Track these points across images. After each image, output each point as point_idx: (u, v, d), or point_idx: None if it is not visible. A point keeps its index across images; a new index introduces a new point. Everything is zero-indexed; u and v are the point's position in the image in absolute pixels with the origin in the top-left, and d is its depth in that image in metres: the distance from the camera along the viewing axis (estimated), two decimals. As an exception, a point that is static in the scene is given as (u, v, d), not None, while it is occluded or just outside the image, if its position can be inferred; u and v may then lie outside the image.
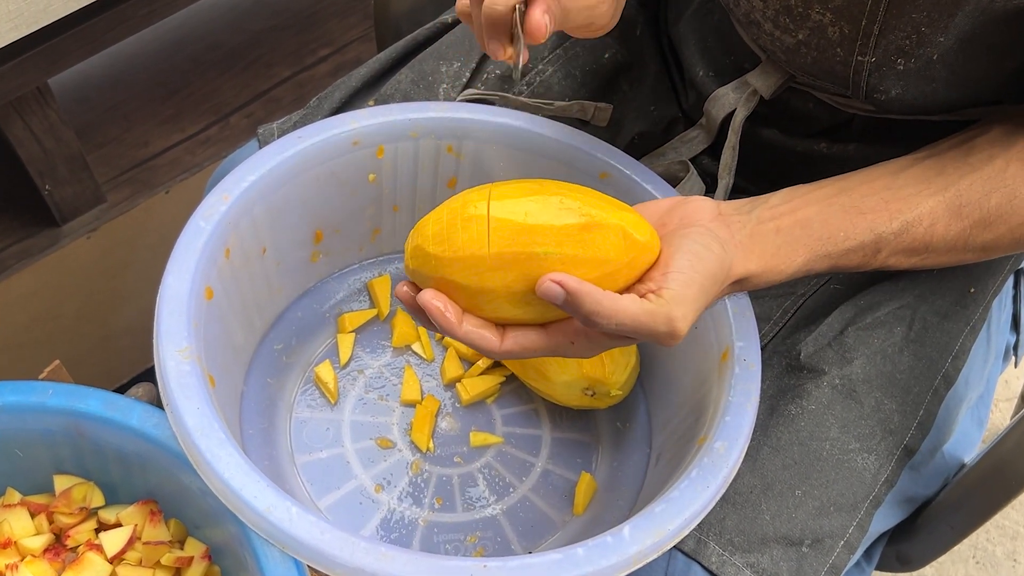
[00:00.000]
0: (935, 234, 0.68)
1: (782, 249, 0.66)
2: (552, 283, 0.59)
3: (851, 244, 0.67)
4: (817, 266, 0.67)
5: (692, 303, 0.60)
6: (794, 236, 0.66)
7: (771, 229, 0.66)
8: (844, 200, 0.68)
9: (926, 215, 0.67)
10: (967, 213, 0.68)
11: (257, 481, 0.64)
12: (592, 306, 0.58)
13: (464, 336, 0.63)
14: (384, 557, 0.62)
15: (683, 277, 0.61)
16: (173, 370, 0.68)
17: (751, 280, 0.66)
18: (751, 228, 0.66)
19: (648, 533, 0.65)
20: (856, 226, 0.67)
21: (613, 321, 0.58)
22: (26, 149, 1.15)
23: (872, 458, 0.75)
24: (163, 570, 0.72)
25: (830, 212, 0.67)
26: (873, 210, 0.67)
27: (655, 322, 0.59)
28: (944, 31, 0.68)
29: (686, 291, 0.60)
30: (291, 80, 1.40)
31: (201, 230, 0.76)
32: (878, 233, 0.67)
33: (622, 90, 0.94)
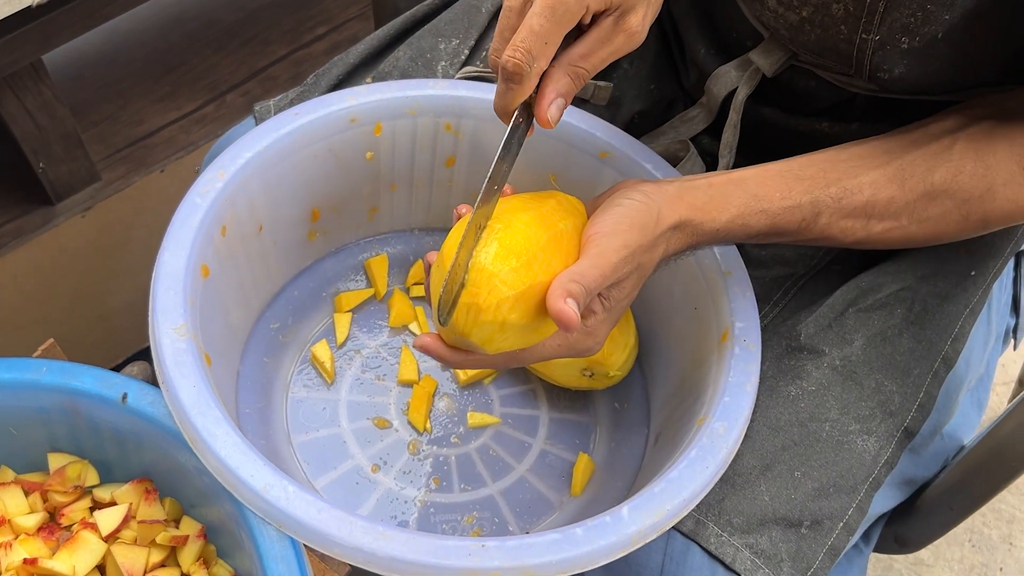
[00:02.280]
0: (878, 202, 0.68)
1: (714, 199, 0.67)
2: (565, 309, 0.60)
3: (788, 203, 0.67)
4: (753, 222, 0.67)
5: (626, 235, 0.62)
6: (727, 191, 0.67)
7: (702, 184, 0.67)
8: (782, 167, 0.69)
9: (867, 184, 0.68)
10: (911, 186, 0.68)
11: (254, 460, 0.64)
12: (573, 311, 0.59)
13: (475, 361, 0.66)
14: (382, 536, 0.62)
15: (609, 219, 0.63)
16: (169, 347, 0.68)
17: (691, 226, 0.66)
18: (680, 183, 0.67)
19: (647, 513, 0.65)
20: (792, 189, 0.68)
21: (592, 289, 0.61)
22: (20, 126, 1.14)
23: (872, 440, 0.74)
24: (158, 549, 0.71)
25: (766, 175, 0.69)
26: (811, 177, 0.68)
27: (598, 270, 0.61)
28: (949, 8, 0.67)
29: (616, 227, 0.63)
30: (288, 58, 1.39)
31: (197, 207, 0.75)
32: (815, 196, 0.68)
33: (622, 68, 0.93)
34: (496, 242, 0.62)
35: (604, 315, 0.65)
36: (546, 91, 0.63)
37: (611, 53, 0.65)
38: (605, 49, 0.64)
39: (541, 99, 0.63)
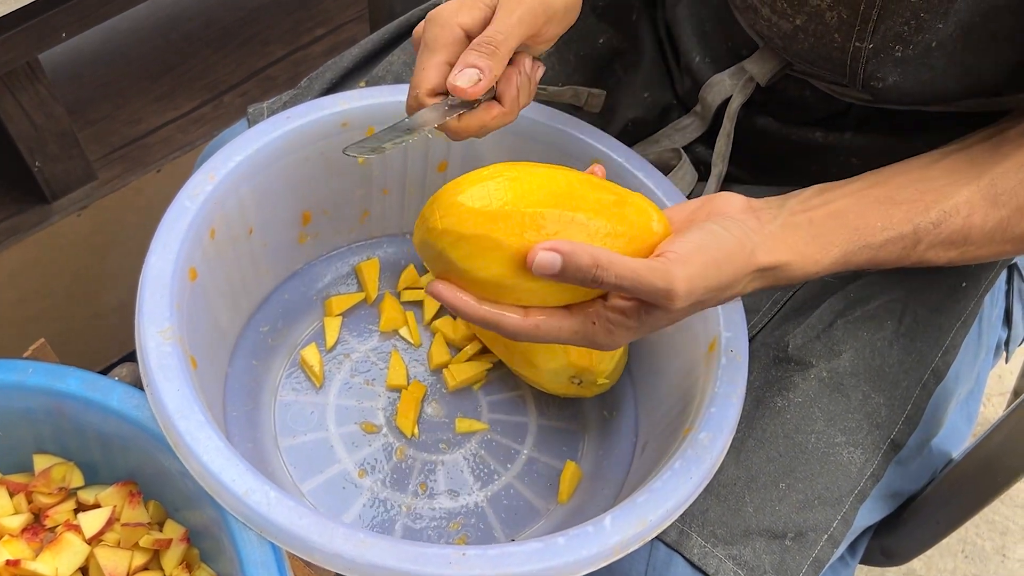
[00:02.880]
0: (973, 224, 0.65)
1: (817, 239, 0.63)
2: (545, 251, 0.57)
3: (889, 235, 0.64)
4: (856, 258, 0.64)
5: (697, 270, 0.58)
6: (828, 227, 0.64)
7: (804, 220, 0.64)
8: (878, 192, 0.66)
9: (963, 204, 0.65)
10: (1004, 201, 0.66)
11: (236, 465, 0.64)
12: (589, 259, 0.56)
13: (484, 316, 0.61)
14: (363, 544, 0.62)
15: (691, 245, 0.59)
16: (154, 351, 0.67)
17: (783, 271, 0.62)
18: (783, 219, 0.63)
19: (630, 523, 0.65)
20: (892, 217, 0.64)
21: (612, 273, 0.56)
22: (16, 125, 1.14)
23: (858, 452, 0.74)
24: (141, 552, 0.71)
25: (864, 204, 0.65)
26: (909, 200, 0.65)
27: (653, 276, 0.56)
28: (944, 17, 0.67)
29: (692, 256, 0.58)
30: (286, 59, 1.39)
31: (186, 210, 0.75)
32: (916, 224, 0.64)
33: (616, 75, 0.93)
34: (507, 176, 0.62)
35: (635, 325, 0.61)
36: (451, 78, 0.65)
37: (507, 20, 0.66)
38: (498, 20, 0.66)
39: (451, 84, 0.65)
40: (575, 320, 0.61)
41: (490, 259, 0.60)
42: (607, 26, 0.94)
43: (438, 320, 0.90)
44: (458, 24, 0.66)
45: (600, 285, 0.57)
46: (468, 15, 0.66)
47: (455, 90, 0.65)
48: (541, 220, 0.59)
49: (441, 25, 0.66)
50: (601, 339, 0.62)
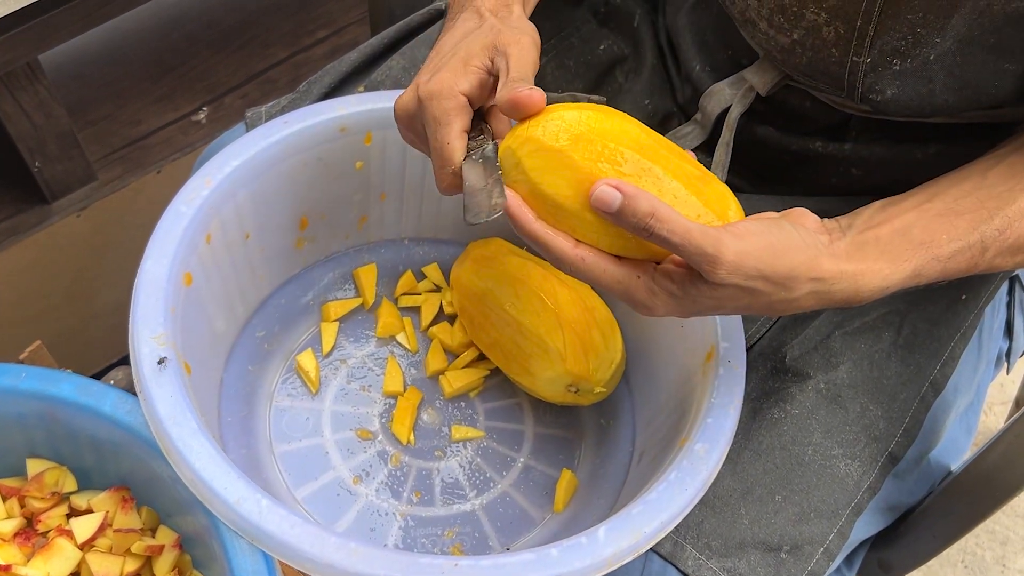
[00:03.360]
0: None
1: (885, 255, 0.62)
2: (608, 187, 0.57)
3: (957, 246, 0.64)
4: (927, 271, 0.64)
5: (751, 247, 0.57)
6: (895, 244, 0.63)
7: (871, 238, 0.63)
8: (938, 205, 0.65)
9: None
10: None
11: (228, 472, 0.63)
12: (648, 205, 0.56)
13: (535, 231, 0.61)
14: (354, 553, 0.61)
15: (752, 227, 0.59)
16: (147, 357, 0.67)
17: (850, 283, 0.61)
18: (851, 238, 0.63)
19: (623, 535, 0.64)
20: (957, 228, 0.64)
21: (666, 227, 0.56)
22: (16, 125, 1.14)
23: (855, 465, 0.74)
24: (133, 558, 0.71)
25: (927, 218, 0.64)
26: (970, 210, 0.65)
27: (703, 240, 0.56)
28: (941, 32, 0.66)
29: (749, 234, 0.58)
30: (287, 61, 1.38)
31: (182, 215, 0.75)
32: (981, 232, 0.64)
33: (617, 82, 0.92)
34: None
35: (679, 293, 0.60)
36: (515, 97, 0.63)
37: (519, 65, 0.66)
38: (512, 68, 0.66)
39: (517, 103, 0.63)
40: (621, 269, 0.61)
41: (560, 177, 0.60)
42: (608, 32, 0.93)
43: (435, 326, 0.90)
44: (461, 93, 0.66)
45: (651, 236, 0.56)
46: (467, 82, 0.66)
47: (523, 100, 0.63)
48: (620, 158, 0.60)
49: (447, 97, 0.65)
50: (641, 296, 0.61)
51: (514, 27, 0.70)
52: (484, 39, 0.68)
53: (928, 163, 0.80)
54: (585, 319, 0.81)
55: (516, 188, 0.63)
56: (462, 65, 0.66)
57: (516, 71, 0.65)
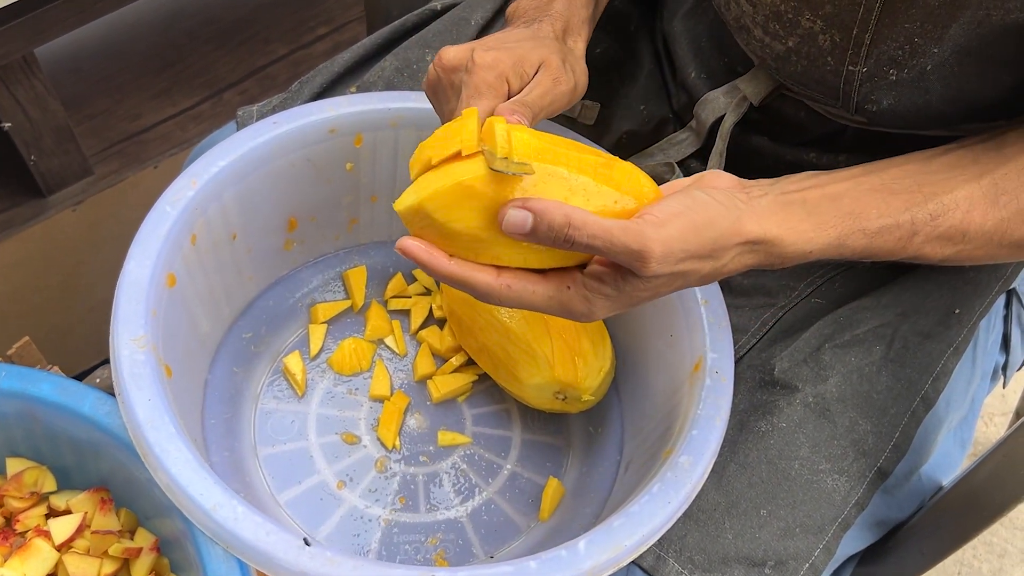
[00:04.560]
0: (972, 222, 0.64)
1: (812, 217, 0.61)
2: (516, 209, 0.55)
3: (886, 222, 0.62)
4: (851, 243, 0.62)
5: (675, 232, 0.56)
6: (823, 208, 0.62)
7: (797, 199, 0.62)
8: (874, 180, 0.64)
9: (963, 200, 0.63)
10: (1005, 202, 0.64)
11: (204, 478, 0.63)
12: (561, 217, 0.54)
13: (452, 272, 0.59)
14: (330, 562, 0.61)
15: (671, 208, 0.57)
16: (127, 359, 0.67)
17: (775, 246, 0.60)
18: (774, 196, 0.61)
19: (604, 548, 0.63)
20: (890, 205, 0.63)
21: (585, 233, 0.54)
22: (11, 119, 1.13)
23: (843, 480, 0.73)
24: (111, 560, 0.70)
25: (860, 190, 0.63)
26: (907, 191, 0.63)
27: (627, 237, 0.54)
28: (938, 42, 0.65)
29: (670, 219, 0.56)
30: (287, 58, 1.38)
31: (166, 215, 0.74)
32: (913, 214, 0.63)
33: (613, 86, 0.91)
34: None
35: (613, 294, 0.58)
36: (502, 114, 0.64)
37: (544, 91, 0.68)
38: (537, 88, 0.67)
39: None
40: (549, 285, 0.59)
41: (465, 210, 0.58)
42: (605, 36, 0.92)
43: (424, 330, 0.89)
44: (506, 80, 0.67)
45: (572, 246, 0.55)
46: (515, 76, 0.67)
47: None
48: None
49: (495, 75, 0.66)
50: (577, 307, 0.59)
51: (571, 68, 0.71)
52: (542, 53, 0.69)
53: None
54: (574, 326, 0.80)
55: (425, 235, 0.60)
56: (517, 60, 0.67)
57: (533, 97, 0.66)
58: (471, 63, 0.67)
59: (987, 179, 0.64)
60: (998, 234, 0.64)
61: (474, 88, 0.66)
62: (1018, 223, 0.64)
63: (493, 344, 0.83)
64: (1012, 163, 0.65)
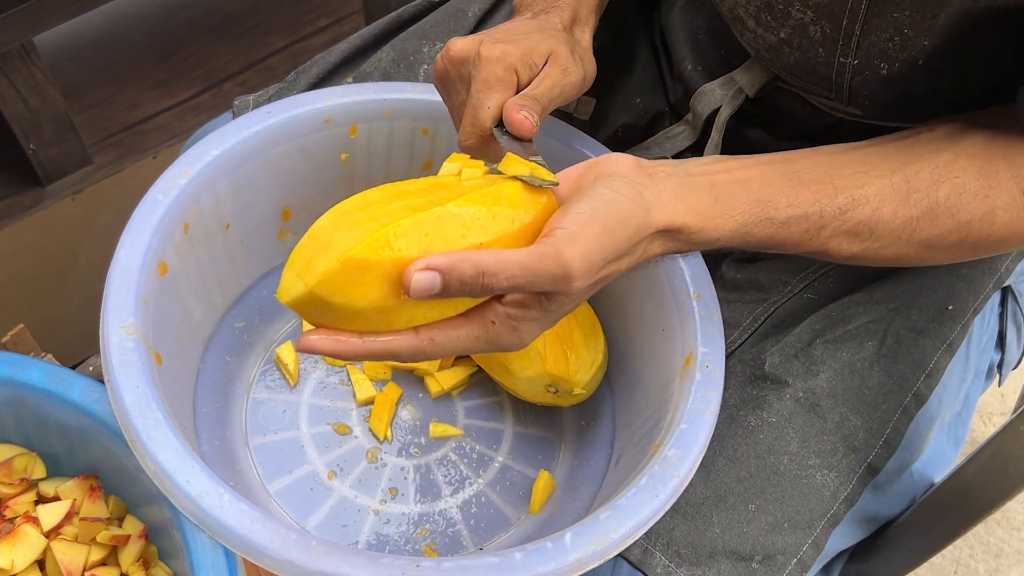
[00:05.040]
0: (881, 218, 0.63)
1: (718, 203, 0.60)
2: (421, 272, 0.51)
3: (793, 212, 0.61)
4: (757, 231, 0.61)
5: (591, 243, 0.54)
6: (732, 192, 0.60)
7: (705, 183, 0.60)
8: (786, 168, 0.63)
9: (873, 196, 0.62)
10: (915, 201, 0.63)
11: (191, 465, 0.63)
12: (472, 268, 0.51)
13: (371, 349, 0.55)
14: (315, 551, 0.60)
15: (580, 217, 0.55)
16: (116, 346, 0.67)
17: (684, 234, 0.59)
18: (679, 179, 0.60)
19: (590, 540, 0.63)
20: (799, 195, 0.61)
21: (503, 277, 0.52)
22: (10, 107, 1.14)
23: (832, 475, 0.73)
24: (99, 547, 0.70)
25: (771, 176, 0.62)
26: (817, 181, 0.62)
27: (545, 264, 0.52)
28: (928, 33, 0.65)
29: (582, 230, 0.54)
30: (287, 50, 1.38)
31: (158, 203, 0.74)
32: (823, 205, 0.62)
33: (609, 80, 0.91)
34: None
35: (539, 315, 0.56)
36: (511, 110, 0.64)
37: (553, 83, 0.68)
38: (546, 81, 0.68)
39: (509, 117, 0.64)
40: (473, 326, 0.56)
41: (363, 284, 0.53)
42: (602, 30, 0.92)
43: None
44: (515, 71, 0.67)
45: (492, 292, 0.53)
46: (524, 69, 0.67)
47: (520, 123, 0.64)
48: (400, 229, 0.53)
49: (503, 68, 0.66)
50: (507, 340, 0.57)
51: (580, 58, 0.72)
52: (551, 44, 0.69)
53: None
54: (567, 319, 0.80)
55: (325, 320, 0.55)
56: (526, 52, 0.67)
57: (542, 90, 0.67)
58: (479, 56, 0.66)
59: (899, 175, 0.63)
60: (907, 232, 0.63)
61: (483, 82, 0.66)
62: (927, 222, 0.63)
63: (485, 336, 0.82)
64: (924, 161, 0.63)
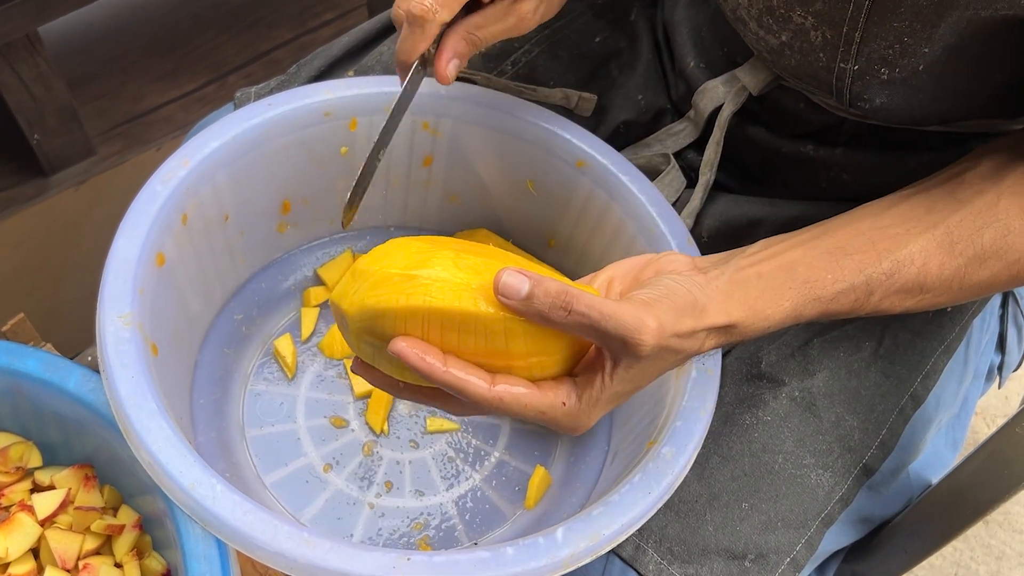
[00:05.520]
0: (929, 273, 0.63)
1: (766, 293, 0.60)
2: (512, 272, 0.53)
3: (841, 287, 0.62)
4: (807, 311, 0.61)
5: (664, 313, 0.55)
6: (777, 280, 0.61)
7: (752, 275, 0.61)
8: (828, 242, 0.63)
9: (917, 253, 0.63)
10: (960, 250, 0.63)
11: (184, 456, 0.63)
12: (558, 285, 0.52)
13: (448, 379, 0.54)
14: (306, 543, 0.61)
15: (653, 293, 0.56)
16: (112, 337, 0.67)
17: (737, 328, 0.59)
18: (729, 275, 0.61)
19: (582, 536, 0.63)
20: (843, 268, 0.62)
21: (583, 304, 0.52)
22: (14, 97, 1.14)
23: (827, 475, 0.72)
24: (93, 536, 0.71)
25: (814, 255, 0.62)
26: (860, 250, 0.62)
27: (622, 312, 0.53)
28: (928, 42, 0.65)
29: (658, 301, 0.55)
30: (293, 43, 1.38)
31: (157, 194, 0.74)
32: (868, 274, 0.62)
33: (611, 76, 0.91)
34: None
35: (598, 395, 0.56)
36: (444, 48, 0.68)
37: (503, 30, 0.70)
38: (498, 25, 0.70)
39: (440, 55, 0.68)
40: (544, 395, 0.56)
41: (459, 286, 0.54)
42: (604, 25, 0.92)
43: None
44: None
45: (569, 316, 0.52)
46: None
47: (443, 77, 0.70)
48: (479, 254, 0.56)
49: None
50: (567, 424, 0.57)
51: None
52: None
53: (921, 171, 0.78)
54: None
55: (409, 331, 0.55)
56: None
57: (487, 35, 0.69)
58: None
59: (941, 228, 0.63)
60: (957, 280, 0.63)
61: None
62: (975, 267, 0.63)
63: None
64: (966, 208, 0.63)
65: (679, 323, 0.56)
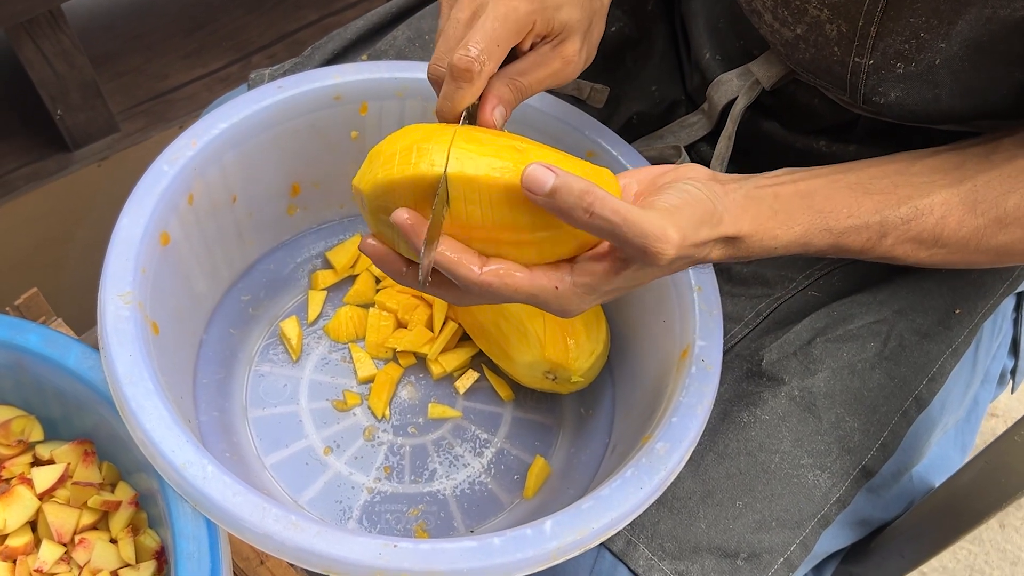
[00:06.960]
0: (947, 227, 0.63)
1: (780, 214, 0.61)
2: (540, 166, 0.52)
3: (855, 222, 0.62)
4: (817, 240, 0.62)
5: (686, 221, 0.55)
6: (793, 204, 0.61)
7: (769, 194, 0.62)
8: (851, 178, 0.64)
9: (938, 205, 0.63)
10: (983, 210, 0.63)
11: (177, 435, 0.63)
12: (582, 184, 0.51)
13: (439, 257, 0.55)
14: (293, 526, 0.61)
15: (673, 200, 0.56)
16: (112, 314, 0.67)
17: (745, 243, 0.60)
18: (747, 190, 0.61)
19: (571, 529, 0.63)
20: (861, 205, 0.62)
21: (607, 209, 0.51)
22: (37, 72, 1.15)
23: (825, 476, 0.72)
24: (90, 512, 0.71)
25: (834, 188, 0.63)
26: (881, 191, 0.63)
27: (646, 220, 0.52)
28: (945, 38, 0.64)
29: (679, 209, 0.55)
30: (318, 23, 1.38)
31: (163, 174, 0.75)
32: (884, 216, 0.62)
33: (625, 66, 0.90)
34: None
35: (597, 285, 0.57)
36: (489, 96, 0.62)
37: (548, 75, 0.65)
38: (543, 70, 0.65)
39: (484, 103, 0.62)
40: (534, 281, 0.57)
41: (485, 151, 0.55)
42: (622, 15, 0.91)
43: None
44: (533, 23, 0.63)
45: (590, 218, 0.52)
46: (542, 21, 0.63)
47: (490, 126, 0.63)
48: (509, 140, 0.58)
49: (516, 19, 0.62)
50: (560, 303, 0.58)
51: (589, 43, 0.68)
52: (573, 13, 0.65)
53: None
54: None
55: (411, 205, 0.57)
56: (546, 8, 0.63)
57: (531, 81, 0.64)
58: None
59: (967, 185, 0.63)
60: (974, 240, 0.63)
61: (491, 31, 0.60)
62: (995, 230, 0.63)
63: (487, 320, 0.82)
64: (996, 170, 0.63)
65: (698, 233, 0.56)
